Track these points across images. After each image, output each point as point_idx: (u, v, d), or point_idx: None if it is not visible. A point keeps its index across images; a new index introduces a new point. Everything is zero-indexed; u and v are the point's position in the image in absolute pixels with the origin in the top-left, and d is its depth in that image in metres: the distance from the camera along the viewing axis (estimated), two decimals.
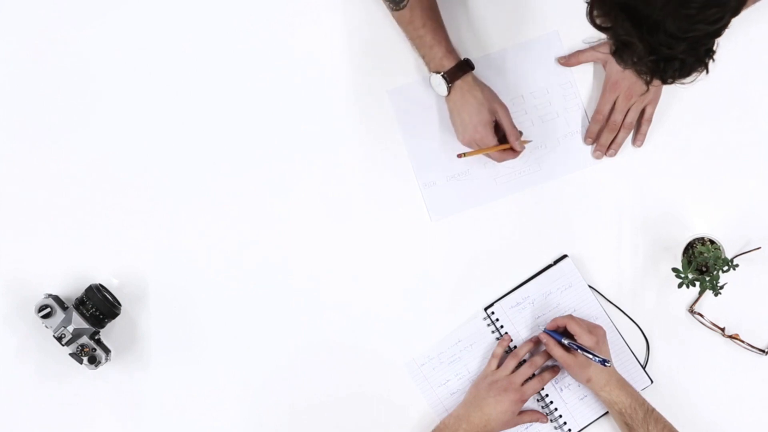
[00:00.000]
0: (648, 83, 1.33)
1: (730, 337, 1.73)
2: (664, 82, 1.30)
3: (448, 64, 1.66)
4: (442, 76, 1.67)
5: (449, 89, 1.68)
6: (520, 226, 1.76)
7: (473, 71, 1.68)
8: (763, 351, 1.74)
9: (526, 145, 1.73)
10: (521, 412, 1.72)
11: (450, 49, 1.67)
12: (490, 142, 1.68)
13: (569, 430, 1.75)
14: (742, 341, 1.73)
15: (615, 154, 1.76)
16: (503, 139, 1.70)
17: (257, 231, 1.76)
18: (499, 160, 1.73)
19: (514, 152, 1.71)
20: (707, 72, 1.29)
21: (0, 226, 1.76)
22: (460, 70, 1.67)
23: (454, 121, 1.71)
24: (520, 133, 1.71)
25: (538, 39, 1.76)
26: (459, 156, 1.68)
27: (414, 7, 1.65)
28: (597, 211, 1.77)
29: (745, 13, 1.68)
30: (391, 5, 1.66)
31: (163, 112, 1.76)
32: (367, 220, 1.77)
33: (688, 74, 1.29)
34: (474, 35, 1.76)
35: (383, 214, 1.77)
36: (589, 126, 1.76)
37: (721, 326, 1.74)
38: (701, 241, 1.70)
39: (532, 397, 1.74)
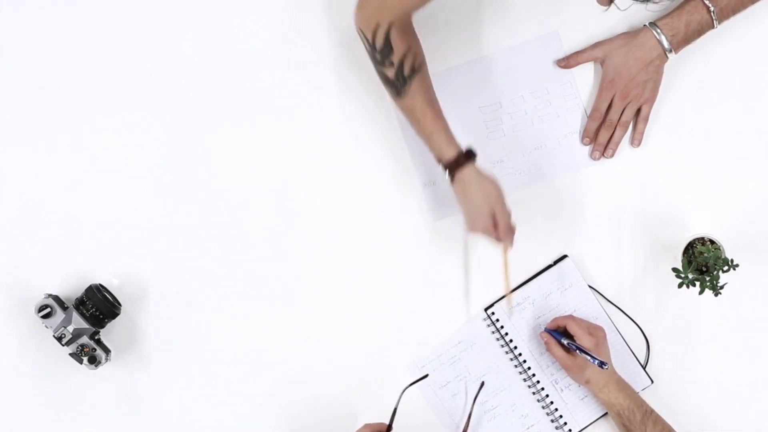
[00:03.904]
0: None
1: None
2: None
3: (447, 155, 1.63)
4: (444, 167, 1.64)
5: (452, 179, 1.65)
6: (520, 227, 1.76)
7: (475, 160, 1.64)
8: None
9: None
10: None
11: (449, 139, 1.63)
12: (491, 232, 1.65)
13: (569, 430, 1.74)
14: None
15: (613, 155, 1.76)
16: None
17: (257, 231, 1.76)
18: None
19: None
20: None
21: (0, 226, 1.76)
22: (461, 161, 1.63)
23: (460, 207, 1.67)
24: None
25: (537, 39, 1.76)
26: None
27: (414, 95, 1.62)
28: (597, 211, 1.77)
29: (745, 13, 1.70)
30: (392, 92, 1.64)
31: (164, 112, 1.76)
32: (367, 219, 1.77)
33: None
34: (474, 35, 1.76)
35: (383, 214, 1.77)
36: (587, 124, 1.76)
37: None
38: (701, 241, 1.70)
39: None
